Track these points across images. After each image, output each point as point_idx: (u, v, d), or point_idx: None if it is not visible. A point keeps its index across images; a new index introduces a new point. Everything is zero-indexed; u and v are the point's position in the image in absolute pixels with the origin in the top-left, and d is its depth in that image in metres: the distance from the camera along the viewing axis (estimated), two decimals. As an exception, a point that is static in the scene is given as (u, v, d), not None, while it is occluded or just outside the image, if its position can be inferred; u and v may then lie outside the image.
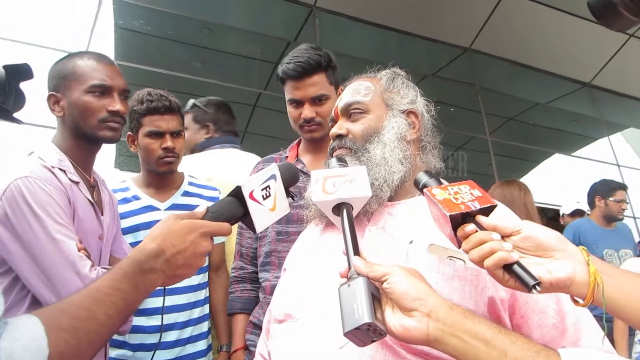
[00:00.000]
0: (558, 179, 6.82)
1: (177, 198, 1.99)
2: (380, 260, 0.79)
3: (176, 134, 1.93)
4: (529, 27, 6.30)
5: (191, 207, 1.91)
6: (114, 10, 5.14)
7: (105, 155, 1.51)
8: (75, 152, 1.47)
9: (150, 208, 1.93)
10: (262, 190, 0.96)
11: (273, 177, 1.00)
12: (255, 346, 1.63)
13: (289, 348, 0.98)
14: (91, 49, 4.36)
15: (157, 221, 1.86)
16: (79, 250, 1.27)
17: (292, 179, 1.07)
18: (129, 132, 1.96)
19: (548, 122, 7.54)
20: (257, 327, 1.67)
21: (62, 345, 0.68)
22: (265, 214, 0.96)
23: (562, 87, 7.35)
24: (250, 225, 0.94)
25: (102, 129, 1.44)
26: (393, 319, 0.73)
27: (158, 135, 1.89)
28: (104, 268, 1.36)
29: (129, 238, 1.84)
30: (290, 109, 1.77)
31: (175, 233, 0.84)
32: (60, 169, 1.38)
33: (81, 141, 1.47)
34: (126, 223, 1.87)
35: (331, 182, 0.93)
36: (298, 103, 1.73)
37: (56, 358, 0.67)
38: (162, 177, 1.98)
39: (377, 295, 0.75)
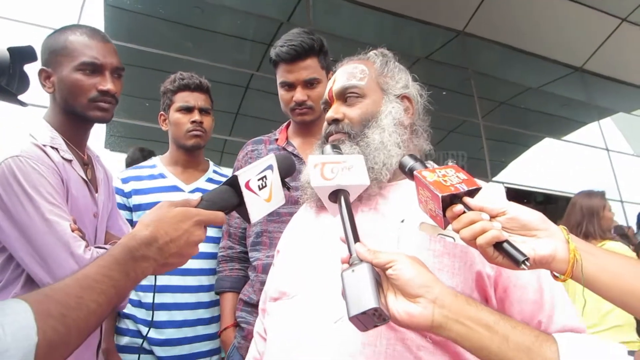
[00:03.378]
0: (548, 163, 6.89)
1: (201, 183, 2.06)
2: (375, 241, 0.81)
3: (204, 111, 2.04)
4: (522, 11, 6.29)
5: None
6: (104, -13, 5.06)
7: (96, 136, 1.49)
8: (67, 129, 1.43)
9: (175, 188, 2.00)
10: (259, 180, 0.95)
11: (270, 167, 0.98)
12: (246, 323, 1.66)
13: (285, 324, 1.00)
14: (81, 27, 4.29)
15: None
16: (73, 231, 1.25)
17: (289, 170, 1.06)
18: (161, 112, 2.08)
19: (539, 106, 7.58)
20: (248, 305, 1.70)
21: (50, 333, 0.66)
22: (261, 205, 0.95)
23: (553, 72, 7.38)
24: (244, 215, 0.93)
25: (91, 108, 1.40)
26: (396, 304, 0.75)
27: (187, 110, 2.01)
28: (99, 247, 1.36)
29: None
30: (281, 92, 1.78)
31: (169, 220, 0.82)
32: (53, 147, 1.34)
33: (72, 118, 1.43)
34: (149, 199, 1.94)
35: (329, 168, 0.92)
36: (290, 86, 1.74)
37: (44, 346, 0.64)
38: (189, 155, 2.06)
39: (379, 282, 0.77)
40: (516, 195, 6.05)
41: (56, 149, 1.36)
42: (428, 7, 6.20)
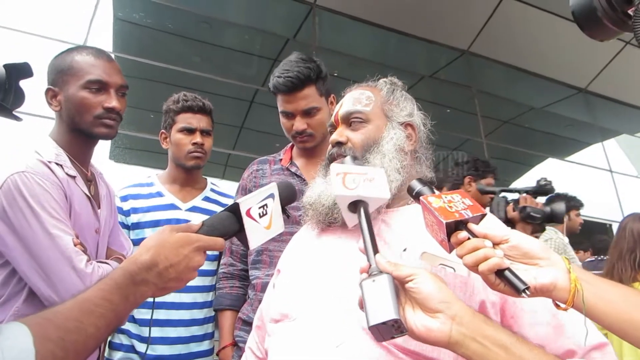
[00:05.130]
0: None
1: (198, 201, 2.08)
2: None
3: (206, 133, 2.07)
4: (526, 32, 6.34)
5: (210, 212, 2.02)
6: (114, 2, 5.13)
7: (100, 147, 1.51)
8: (72, 146, 1.47)
9: (172, 206, 2.02)
10: (260, 208, 0.97)
11: (271, 195, 1.01)
12: (244, 342, 1.66)
13: (287, 346, 1.00)
14: (90, 40, 4.36)
15: (177, 220, 1.94)
16: (75, 245, 1.28)
17: (289, 198, 1.08)
18: (162, 130, 2.11)
19: (543, 126, 7.59)
20: (247, 324, 1.70)
21: (49, 357, 0.67)
22: (260, 232, 0.97)
23: (558, 92, 7.40)
24: (244, 241, 0.95)
25: (97, 125, 1.44)
26: (414, 318, 0.75)
27: (190, 131, 2.04)
28: (100, 262, 1.38)
29: (149, 232, 1.94)
30: (282, 120, 1.81)
31: (170, 246, 0.84)
32: (57, 164, 1.38)
33: (77, 136, 1.47)
34: (147, 217, 1.97)
35: (351, 178, 0.94)
36: (290, 115, 1.76)
37: None
38: (188, 174, 2.09)
39: (397, 294, 0.77)
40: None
41: (61, 165, 1.39)
42: (433, 26, 6.25)
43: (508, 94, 7.25)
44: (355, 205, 0.92)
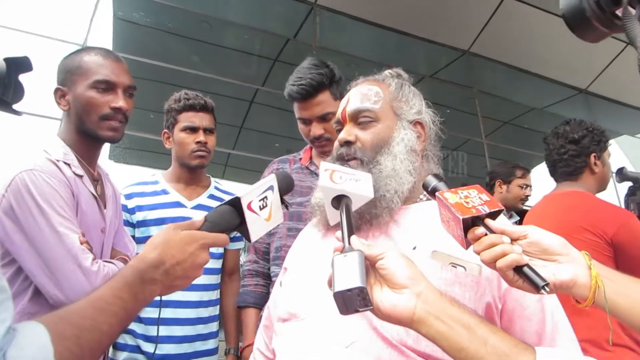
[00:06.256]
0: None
1: (203, 199, 2.09)
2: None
3: (209, 131, 2.07)
4: (527, 32, 6.33)
5: None
6: (114, 1, 5.13)
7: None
8: (80, 146, 1.47)
9: (178, 204, 2.02)
10: (260, 200, 0.97)
11: (271, 188, 1.01)
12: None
13: (295, 346, 0.99)
14: (90, 40, 4.36)
15: (182, 217, 1.94)
16: (81, 244, 1.28)
17: (287, 188, 1.09)
18: (165, 130, 2.11)
19: (543, 127, 7.58)
20: None
21: (66, 355, 0.67)
22: (261, 224, 0.97)
23: (558, 93, 7.40)
24: (245, 234, 0.95)
25: (102, 128, 1.45)
26: (381, 295, 0.75)
27: (192, 130, 2.04)
28: (106, 261, 1.38)
29: (154, 230, 1.94)
30: (300, 126, 1.84)
31: (176, 244, 0.84)
32: (65, 163, 1.39)
33: (84, 137, 1.47)
34: (153, 215, 1.97)
35: (338, 175, 0.97)
36: (306, 121, 1.79)
37: None
38: (192, 173, 2.09)
39: (367, 272, 0.77)
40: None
41: (68, 164, 1.40)
42: (434, 27, 6.25)
43: (508, 94, 7.25)
44: (339, 202, 0.94)
